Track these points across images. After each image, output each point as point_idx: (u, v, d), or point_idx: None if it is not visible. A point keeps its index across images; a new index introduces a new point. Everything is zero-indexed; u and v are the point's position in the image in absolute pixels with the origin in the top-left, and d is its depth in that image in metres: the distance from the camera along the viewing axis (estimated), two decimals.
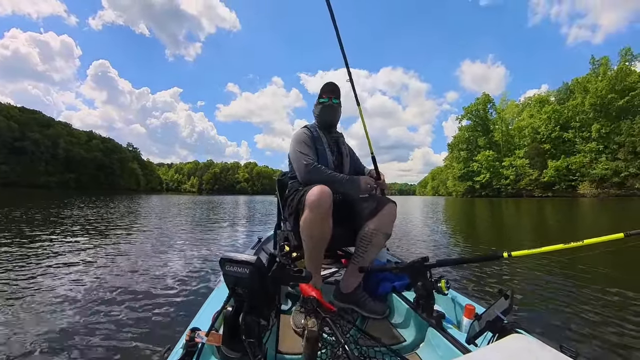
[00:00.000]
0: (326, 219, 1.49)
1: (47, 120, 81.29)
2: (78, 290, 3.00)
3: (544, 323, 2.45)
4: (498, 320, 1.00)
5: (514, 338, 0.66)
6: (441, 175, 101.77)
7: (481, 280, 3.45)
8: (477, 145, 63.84)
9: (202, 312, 1.35)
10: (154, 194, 60.41)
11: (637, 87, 42.61)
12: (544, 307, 2.76)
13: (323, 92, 1.96)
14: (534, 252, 1.24)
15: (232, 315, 0.88)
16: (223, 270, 0.87)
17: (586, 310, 2.65)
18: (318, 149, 1.89)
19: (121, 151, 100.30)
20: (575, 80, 52.35)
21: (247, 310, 0.87)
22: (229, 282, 0.89)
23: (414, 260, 1.51)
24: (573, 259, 4.05)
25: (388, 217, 1.67)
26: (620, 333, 2.24)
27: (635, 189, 40.13)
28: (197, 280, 3.39)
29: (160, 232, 7.18)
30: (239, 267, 0.84)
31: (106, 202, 19.06)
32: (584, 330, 2.29)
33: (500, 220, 12.57)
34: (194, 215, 12.50)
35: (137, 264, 4.07)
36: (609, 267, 3.96)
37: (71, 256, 4.42)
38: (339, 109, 2.00)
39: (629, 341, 2.13)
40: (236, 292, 0.89)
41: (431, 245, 6.03)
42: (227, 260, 0.86)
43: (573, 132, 50.03)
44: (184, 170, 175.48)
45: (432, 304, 1.42)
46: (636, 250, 1.53)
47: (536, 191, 52.15)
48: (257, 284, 0.86)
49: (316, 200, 1.45)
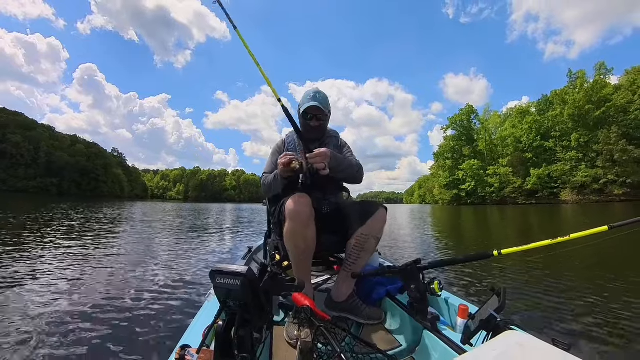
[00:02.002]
0: (307, 227, 1.46)
1: (30, 123, 78.89)
2: (55, 306, 2.76)
3: (535, 318, 2.51)
4: (492, 318, 1.01)
5: (507, 335, 0.66)
6: (428, 184, 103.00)
7: (473, 280, 3.51)
8: (462, 154, 65.14)
9: (192, 328, 1.30)
10: (138, 201, 58.98)
11: (612, 99, 44.51)
12: (534, 303, 2.83)
13: (307, 109, 1.78)
14: (523, 248, 1.28)
15: (223, 329, 0.84)
16: (214, 282, 0.84)
17: (575, 303, 2.75)
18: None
19: (106, 156, 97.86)
20: (554, 92, 54.31)
21: (240, 323, 0.84)
22: (220, 294, 0.85)
23: (407, 264, 1.52)
24: (560, 254, 4.17)
25: (379, 222, 1.65)
26: (607, 323, 2.33)
27: (614, 195, 41.52)
28: (186, 294, 3.23)
29: (145, 242, 6.96)
30: (230, 278, 0.81)
31: (88, 209, 18.49)
32: (574, 322, 2.37)
33: (487, 225, 12.80)
34: (181, 224, 12.27)
35: (120, 277, 3.81)
36: (595, 260, 4.11)
37: (46, 269, 4.07)
38: (325, 124, 1.88)
39: (618, 331, 2.20)
40: (227, 305, 0.86)
41: (422, 250, 6.10)
42: (217, 272, 0.82)
43: (553, 141, 51.75)
44: (170, 177, 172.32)
45: (426, 306, 1.43)
46: (619, 242, 1.61)
47: (520, 198, 53.40)
48: (250, 296, 0.83)
49: (294, 209, 1.43)
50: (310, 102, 1.76)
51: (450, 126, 68.79)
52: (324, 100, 1.80)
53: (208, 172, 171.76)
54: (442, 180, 68.47)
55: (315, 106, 1.75)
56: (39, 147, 75.69)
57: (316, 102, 1.75)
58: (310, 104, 1.75)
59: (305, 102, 1.78)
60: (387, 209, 1.71)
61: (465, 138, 66.36)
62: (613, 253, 4.53)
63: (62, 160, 79.58)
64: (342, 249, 1.75)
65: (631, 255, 4.57)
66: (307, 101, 1.77)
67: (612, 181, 42.23)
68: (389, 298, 1.74)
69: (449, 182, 64.85)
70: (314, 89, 1.82)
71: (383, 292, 1.76)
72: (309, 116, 1.78)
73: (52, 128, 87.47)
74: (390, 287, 1.76)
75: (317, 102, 1.75)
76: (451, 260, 1.62)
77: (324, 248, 1.77)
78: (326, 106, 1.81)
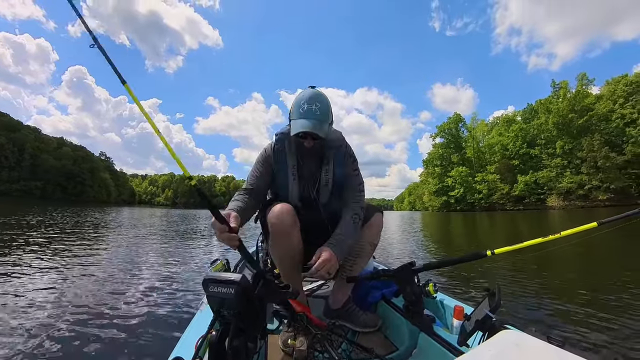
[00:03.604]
0: (290, 236, 1.38)
1: (15, 124, 76.51)
2: (35, 318, 2.59)
3: (530, 316, 2.55)
4: (487, 318, 1.01)
5: (503, 334, 0.67)
6: (417, 191, 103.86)
7: (468, 281, 3.55)
8: (451, 162, 66.18)
9: (184, 339, 1.27)
10: (125, 207, 57.79)
11: (594, 108, 46.33)
12: (528, 301, 2.88)
13: (299, 126, 1.34)
14: (516, 247, 1.31)
15: (217, 340, 0.81)
16: (207, 291, 0.81)
17: (567, 299, 2.82)
18: (277, 172, 1.54)
19: (93, 160, 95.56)
20: (539, 102, 55.98)
21: (234, 333, 0.81)
22: (214, 303, 0.83)
23: (401, 266, 1.51)
24: (552, 251, 4.25)
25: (375, 227, 1.60)
26: (600, 318, 2.39)
27: (598, 200, 42.72)
28: (178, 303, 3.12)
29: (133, 249, 6.82)
30: (223, 287, 0.79)
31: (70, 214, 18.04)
32: (568, 318, 2.42)
33: (477, 231, 12.96)
34: (170, 230, 12.08)
35: (107, 286, 3.62)
36: (585, 257, 4.23)
37: (27, 276, 3.89)
38: (324, 141, 1.46)
39: (610, 324, 2.27)
40: (221, 315, 0.83)
41: (415, 253, 6.14)
42: (210, 281, 0.81)
43: (539, 148, 53.17)
44: (158, 183, 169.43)
45: (422, 309, 1.42)
46: (607, 239, 1.65)
47: (508, 204, 54.41)
48: (244, 304, 0.81)
49: (277, 221, 1.36)
50: (302, 123, 1.34)
51: (439, 134, 69.99)
52: (323, 115, 1.36)
53: (197, 178, 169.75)
54: (431, 187, 69.35)
55: (309, 133, 1.34)
56: (24, 149, 73.54)
57: (309, 127, 1.32)
58: (301, 130, 1.32)
59: (296, 121, 1.36)
60: (383, 213, 1.65)
61: (454, 146, 67.55)
62: (602, 249, 4.67)
63: (47, 163, 77.42)
64: None
65: (619, 251, 4.73)
66: (298, 119, 1.35)
67: (596, 187, 43.51)
68: (384, 301, 1.74)
69: (438, 188, 65.68)
70: (308, 95, 1.37)
71: (378, 296, 1.76)
72: (300, 134, 1.38)
73: (38, 130, 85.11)
74: (385, 291, 1.76)
75: (310, 126, 1.32)
76: (445, 262, 1.63)
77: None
78: (324, 123, 1.37)
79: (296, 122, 1.36)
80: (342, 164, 1.55)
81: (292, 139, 1.47)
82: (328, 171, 1.53)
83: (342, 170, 1.55)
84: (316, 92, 1.39)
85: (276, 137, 1.54)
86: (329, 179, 1.53)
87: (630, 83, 45.50)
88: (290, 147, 1.51)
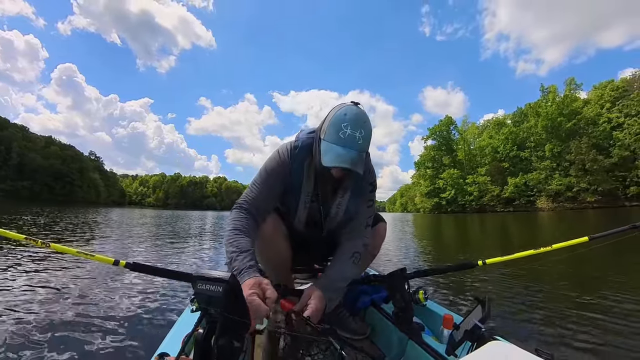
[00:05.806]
0: (275, 243, 1.37)
1: (1, 122, 74.78)
2: (18, 317, 2.53)
3: (519, 328, 2.54)
4: (476, 328, 1.01)
5: (491, 345, 0.66)
6: (409, 192, 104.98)
7: (458, 289, 3.54)
8: (442, 164, 66.91)
9: (171, 336, 1.27)
10: (114, 207, 56.96)
11: (581, 112, 47.64)
12: (517, 312, 2.87)
13: (336, 158, 1.08)
14: (507, 258, 1.31)
15: (203, 337, 0.81)
16: (195, 288, 0.80)
17: (557, 312, 2.80)
18: (289, 190, 1.32)
19: (82, 160, 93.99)
20: (528, 105, 57.06)
21: (221, 331, 0.80)
22: (201, 301, 0.82)
23: (392, 272, 1.51)
24: (542, 263, 4.31)
25: (378, 239, 1.53)
26: (589, 331, 2.37)
27: (587, 202, 43.77)
28: (165, 300, 3.11)
29: (121, 247, 6.72)
30: (212, 284, 0.77)
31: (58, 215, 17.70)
32: (557, 331, 2.40)
33: (468, 234, 13.08)
34: (161, 230, 11.93)
35: (94, 282, 3.63)
36: (576, 269, 4.27)
37: (9, 275, 3.82)
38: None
39: (598, 339, 2.26)
40: (208, 313, 0.83)
41: (406, 258, 6.13)
42: (199, 278, 0.79)
43: (529, 151, 54.15)
44: (149, 183, 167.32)
45: (411, 316, 1.42)
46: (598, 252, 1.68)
47: (498, 206, 55.27)
48: (232, 303, 0.80)
49: (264, 232, 1.33)
50: (340, 155, 1.07)
51: (430, 136, 70.71)
52: (365, 145, 1.12)
53: (189, 179, 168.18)
54: (423, 189, 70.05)
55: (346, 168, 1.08)
56: (11, 147, 71.90)
57: (349, 163, 1.06)
58: (338, 165, 1.08)
59: (332, 147, 1.09)
60: (386, 223, 1.56)
61: (445, 148, 68.31)
62: (594, 262, 4.72)
63: (35, 163, 75.82)
64: (328, 257, 1.68)
65: (611, 263, 4.78)
66: (335, 145, 1.09)
67: (584, 189, 44.51)
68: (373, 307, 1.72)
69: (430, 190, 66.35)
70: (354, 117, 1.09)
71: (368, 301, 1.73)
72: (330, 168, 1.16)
73: (25, 128, 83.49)
74: (375, 296, 1.73)
75: (350, 162, 1.06)
76: (437, 270, 1.62)
77: (310, 259, 1.74)
78: (364, 154, 1.13)
79: (332, 148, 1.09)
80: (359, 194, 1.35)
81: (316, 160, 1.21)
82: (341, 204, 1.34)
83: (358, 200, 1.35)
84: (363, 115, 1.12)
85: (297, 147, 1.26)
86: (340, 210, 1.35)
87: (616, 88, 46.84)
88: (309, 169, 1.27)
